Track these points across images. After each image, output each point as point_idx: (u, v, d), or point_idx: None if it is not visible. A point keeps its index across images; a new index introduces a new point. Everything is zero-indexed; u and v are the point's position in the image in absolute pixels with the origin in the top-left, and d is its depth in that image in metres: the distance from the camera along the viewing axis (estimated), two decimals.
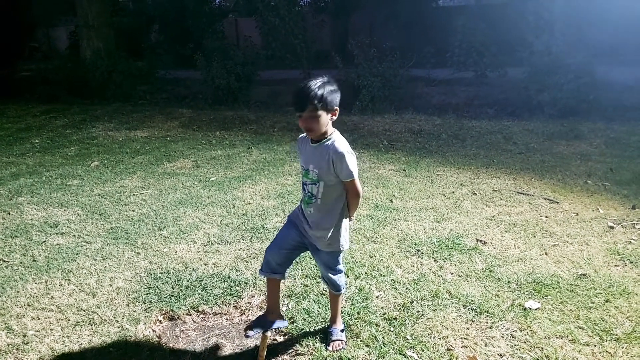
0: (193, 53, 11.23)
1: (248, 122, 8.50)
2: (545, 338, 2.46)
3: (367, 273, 3.14)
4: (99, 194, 4.85)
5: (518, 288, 2.94)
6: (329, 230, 2.23)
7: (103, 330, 2.61)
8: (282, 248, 2.34)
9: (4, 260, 3.43)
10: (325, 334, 2.50)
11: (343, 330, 2.50)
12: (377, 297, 2.87)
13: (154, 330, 2.65)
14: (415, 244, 3.56)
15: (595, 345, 2.39)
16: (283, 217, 4.12)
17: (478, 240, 3.61)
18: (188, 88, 12.45)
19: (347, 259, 3.32)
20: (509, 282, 3.01)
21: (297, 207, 2.41)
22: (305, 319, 2.66)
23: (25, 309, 2.83)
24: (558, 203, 4.37)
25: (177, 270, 3.25)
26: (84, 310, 2.80)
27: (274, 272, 2.36)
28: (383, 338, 2.47)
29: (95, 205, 4.53)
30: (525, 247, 3.51)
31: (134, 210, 4.38)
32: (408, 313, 2.69)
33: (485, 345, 2.42)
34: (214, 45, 11.74)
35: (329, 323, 2.55)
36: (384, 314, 2.68)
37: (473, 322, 2.61)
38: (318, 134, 2.12)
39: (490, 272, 3.14)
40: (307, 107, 2.04)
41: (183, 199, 4.65)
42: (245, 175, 5.40)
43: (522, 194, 4.62)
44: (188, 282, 3.09)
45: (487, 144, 6.62)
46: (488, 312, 2.68)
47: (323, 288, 2.89)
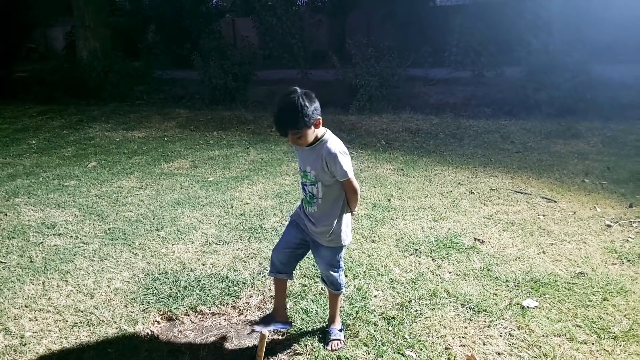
0: (190, 53, 11.20)
1: (245, 122, 8.49)
2: (543, 336, 2.46)
3: (365, 272, 3.14)
4: (96, 195, 4.84)
5: (516, 287, 2.94)
6: (332, 226, 2.26)
7: (101, 331, 2.61)
8: (285, 247, 2.40)
9: (1, 262, 3.42)
10: (324, 334, 2.50)
11: (341, 330, 2.50)
12: (375, 296, 2.87)
13: (152, 331, 2.64)
14: (413, 243, 3.56)
15: (593, 344, 2.40)
16: (281, 217, 4.12)
17: (476, 239, 3.62)
18: (185, 88, 12.42)
19: (345, 259, 3.32)
20: (507, 280, 3.01)
21: (298, 206, 2.43)
22: (304, 319, 2.66)
23: (23, 311, 2.82)
24: (555, 202, 4.38)
25: (175, 271, 3.24)
26: (82, 311, 2.79)
27: (279, 272, 2.43)
28: (381, 337, 2.47)
29: (93, 206, 4.51)
30: (523, 245, 3.52)
31: (132, 211, 4.37)
32: (406, 312, 2.69)
33: (484, 344, 2.42)
34: (211, 45, 11.72)
35: (328, 322, 2.55)
36: (383, 313, 2.68)
37: (471, 321, 2.62)
38: (310, 143, 2.16)
39: (488, 270, 3.14)
40: (287, 132, 2.09)
41: (181, 200, 4.65)
42: (243, 176, 5.39)
43: (519, 193, 4.62)
44: (186, 282, 3.09)
45: (484, 143, 6.63)
46: (486, 310, 2.69)
47: (322, 288, 2.89)
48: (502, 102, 9.17)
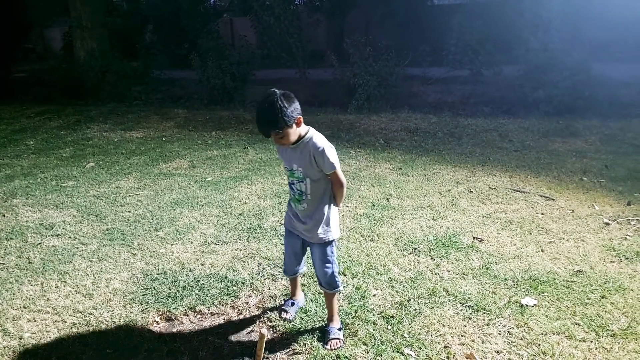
0: (188, 53, 11.18)
1: (244, 121, 8.48)
2: (542, 334, 2.47)
3: (364, 272, 3.14)
4: (95, 195, 4.84)
5: (515, 285, 2.94)
6: (321, 221, 2.36)
7: (100, 332, 2.60)
8: (291, 257, 2.61)
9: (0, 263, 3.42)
10: (323, 333, 2.50)
11: (340, 329, 2.50)
12: (374, 295, 2.87)
13: (151, 331, 2.64)
14: (412, 242, 3.56)
15: (592, 341, 2.40)
16: (280, 216, 4.12)
17: (474, 238, 3.62)
18: (183, 88, 12.41)
19: (344, 258, 3.33)
20: (506, 279, 3.02)
21: (287, 212, 2.53)
22: (303, 318, 2.66)
23: (21, 311, 2.81)
24: (554, 200, 4.38)
25: (173, 271, 3.24)
26: (81, 312, 2.79)
27: (294, 273, 2.69)
28: (380, 336, 2.47)
29: (91, 207, 4.51)
30: (522, 244, 3.52)
31: (130, 211, 4.36)
32: (405, 311, 2.69)
33: (483, 343, 2.43)
34: (209, 45, 11.69)
35: (327, 322, 2.56)
36: (382, 312, 2.68)
37: (470, 319, 2.62)
38: (293, 142, 2.22)
39: (487, 269, 3.14)
40: (270, 133, 2.15)
41: (179, 200, 4.64)
42: (242, 175, 5.39)
43: (518, 192, 4.63)
44: (185, 282, 3.09)
45: (483, 142, 6.64)
46: (485, 309, 2.69)
47: (312, 285, 2.88)
48: (500, 100, 9.18)
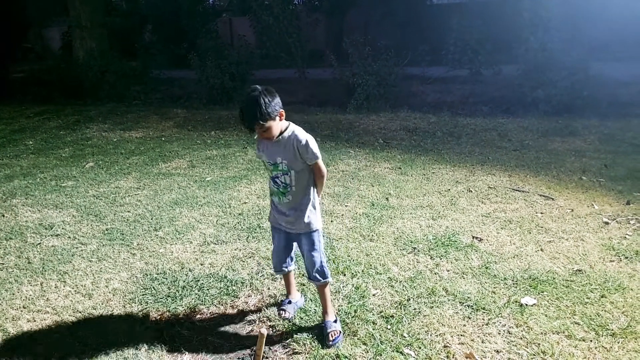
0: (187, 53, 11.18)
1: None
2: (542, 334, 2.47)
3: (363, 271, 3.15)
4: (94, 195, 4.83)
5: (514, 284, 2.95)
6: (306, 210, 2.44)
7: (99, 332, 2.60)
8: (279, 251, 2.64)
9: None
10: (321, 329, 2.52)
11: (336, 321, 2.54)
12: (373, 295, 2.87)
13: (151, 331, 2.63)
14: (412, 242, 3.57)
15: (591, 341, 2.41)
16: None
17: (474, 237, 3.62)
18: (182, 88, 12.41)
19: (343, 258, 3.33)
20: (505, 278, 3.02)
21: (270, 210, 2.59)
22: (302, 318, 2.67)
23: (21, 311, 2.81)
24: (553, 199, 4.39)
25: (173, 271, 3.24)
26: (80, 312, 2.79)
27: (283, 269, 2.70)
28: (380, 336, 2.47)
29: (90, 207, 4.50)
30: (521, 243, 3.52)
31: (129, 211, 4.36)
32: (405, 311, 2.69)
33: (482, 342, 2.43)
34: (208, 45, 11.69)
35: (322, 317, 2.59)
36: (381, 312, 2.68)
37: (470, 318, 2.62)
38: (276, 136, 2.32)
39: (486, 268, 3.15)
40: (254, 127, 2.23)
41: (178, 199, 4.64)
42: (241, 175, 5.38)
43: (517, 191, 4.63)
44: (184, 282, 3.08)
45: (482, 142, 6.64)
46: (484, 308, 2.69)
47: (309, 283, 2.79)
48: (499, 100, 9.18)
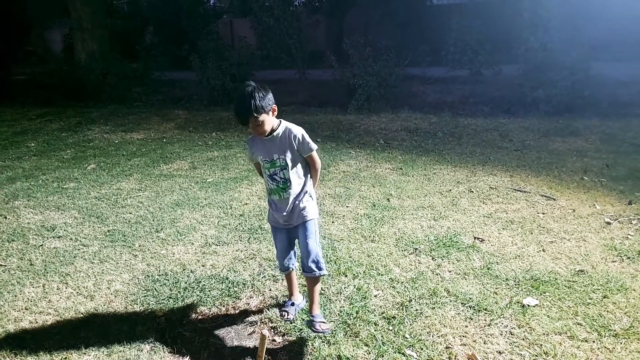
0: (188, 54, 11.19)
1: None
2: (544, 335, 2.47)
3: (365, 272, 3.14)
4: (96, 197, 4.84)
5: (516, 285, 2.94)
6: (304, 200, 2.51)
7: (101, 333, 2.60)
8: (282, 250, 2.66)
9: (1, 265, 3.42)
10: (308, 322, 2.58)
11: (324, 316, 2.62)
12: (375, 296, 2.87)
13: (153, 333, 2.63)
14: (413, 243, 3.56)
15: (594, 341, 2.40)
16: None
17: (475, 238, 3.62)
18: (183, 89, 12.43)
19: (345, 259, 3.33)
20: (507, 279, 3.01)
21: (269, 211, 2.61)
22: (304, 319, 2.66)
23: (23, 313, 2.82)
24: (555, 200, 4.38)
25: (174, 272, 3.24)
26: (82, 314, 2.79)
27: (287, 269, 2.73)
28: (382, 337, 2.47)
29: (92, 208, 4.51)
30: (523, 244, 3.52)
31: (131, 213, 4.37)
32: (406, 312, 2.69)
33: (484, 343, 2.43)
34: (209, 46, 11.72)
35: (309, 310, 2.64)
36: (383, 313, 2.68)
37: (471, 319, 2.62)
38: (268, 132, 2.39)
39: (488, 269, 3.14)
40: (248, 120, 2.29)
41: (180, 201, 4.64)
42: (242, 176, 5.39)
43: (518, 191, 4.63)
44: (186, 283, 3.09)
45: (483, 142, 6.64)
46: (486, 309, 2.69)
47: (303, 275, 2.75)
48: (500, 100, 9.18)
